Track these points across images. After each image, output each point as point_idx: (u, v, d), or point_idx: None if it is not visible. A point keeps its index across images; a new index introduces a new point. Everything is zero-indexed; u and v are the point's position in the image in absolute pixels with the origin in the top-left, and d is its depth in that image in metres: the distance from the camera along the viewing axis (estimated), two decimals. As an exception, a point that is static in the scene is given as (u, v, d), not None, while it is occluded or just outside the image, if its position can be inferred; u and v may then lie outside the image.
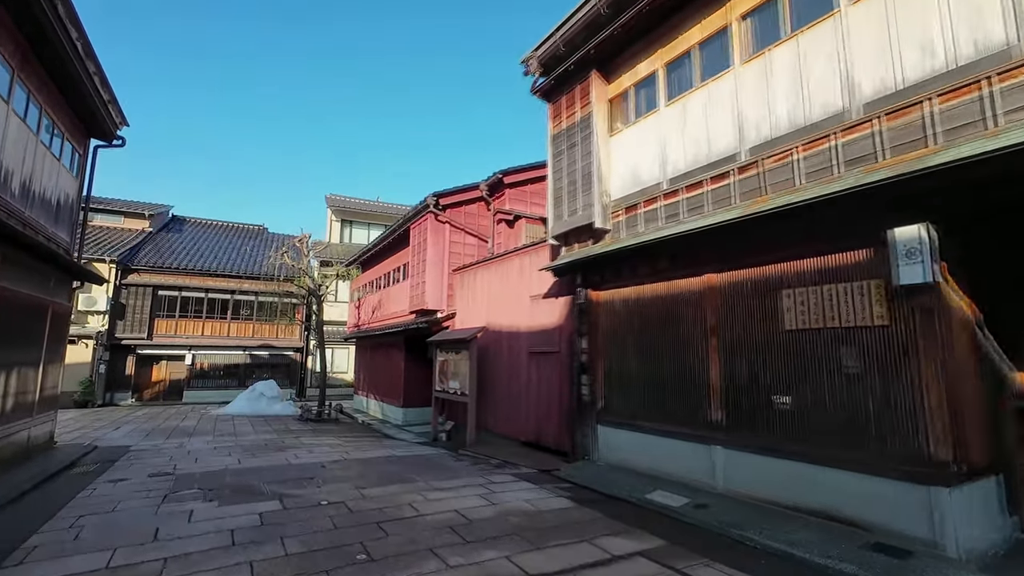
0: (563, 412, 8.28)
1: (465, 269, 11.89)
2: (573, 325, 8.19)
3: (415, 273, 12.77)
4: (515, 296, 9.90)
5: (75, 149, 9.30)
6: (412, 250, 13.19)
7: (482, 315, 10.96)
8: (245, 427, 12.96)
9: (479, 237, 12.82)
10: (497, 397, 10.07)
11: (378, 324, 16.57)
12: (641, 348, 6.95)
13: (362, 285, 19.32)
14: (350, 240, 29.02)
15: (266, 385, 17.25)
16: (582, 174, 7.61)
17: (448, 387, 10.49)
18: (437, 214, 12.22)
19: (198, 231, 28.18)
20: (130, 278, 21.71)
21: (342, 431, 12.88)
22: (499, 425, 9.90)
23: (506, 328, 10.07)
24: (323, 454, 8.76)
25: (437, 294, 12.11)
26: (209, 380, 23.02)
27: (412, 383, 14.78)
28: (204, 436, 11.07)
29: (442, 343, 10.90)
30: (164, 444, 9.90)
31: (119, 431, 11.91)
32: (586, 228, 7.58)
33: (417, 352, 14.90)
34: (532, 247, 9.59)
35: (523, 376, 9.42)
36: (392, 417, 15.15)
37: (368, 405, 17.96)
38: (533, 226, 12.10)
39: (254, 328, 24.04)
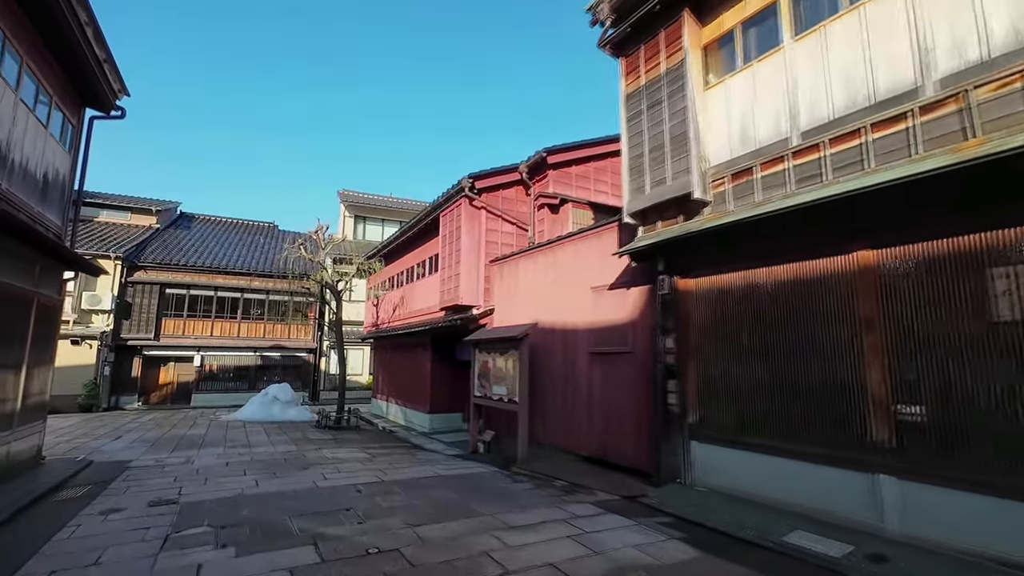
0: (640, 424, 6.90)
1: (505, 260, 10.53)
2: (653, 320, 6.81)
3: (446, 265, 11.43)
4: (570, 288, 8.53)
5: (67, 118, 8.01)
6: (442, 240, 11.85)
7: (526, 310, 9.59)
8: (259, 436, 11.65)
9: (518, 225, 11.46)
10: (548, 404, 8.69)
11: (400, 323, 15.24)
12: (755, 347, 5.55)
13: (381, 282, 18.01)
14: (364, 237, 27.76)
15: (280, 389, 15.96)
16: (670, 136, 6.23)
17: (490, 393, 9.13)
18: (472, 198, 10.87)
19: (207, 228, 27.02)
20: (136, 276, 20.52)
21: (366, 440, 11.54)
22: (551, 436, 8.52)
23: (559, 325, 8.69)
24: (354, 472, 7.41)
25: (472, 288, 10.76)
26: (218, 383, 21.78)
27: (439, 387, 13.46)
28: (214, 448, 9.76)
29: (482, 343, 9.54)
30: (169, 458, 8.58)
31: (120, 441, 10.62)
32: (676, 202, 6.20)
33: (445, 353, 13.57)
34: (592, 231, 8.21)
35: (582, 380, 8.04)
36: (417, 424, 13.81)
37: (388, 410, 16.63)
38: (580, 211, 10.73)
39: (265, 328, 22.81)
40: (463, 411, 13.76)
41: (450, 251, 11.32)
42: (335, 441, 11.18)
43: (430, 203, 12.99)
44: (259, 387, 22.03)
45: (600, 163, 11.76)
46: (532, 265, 9.63)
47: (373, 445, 10.74)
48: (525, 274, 9.81)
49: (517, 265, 10.08)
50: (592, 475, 6.98)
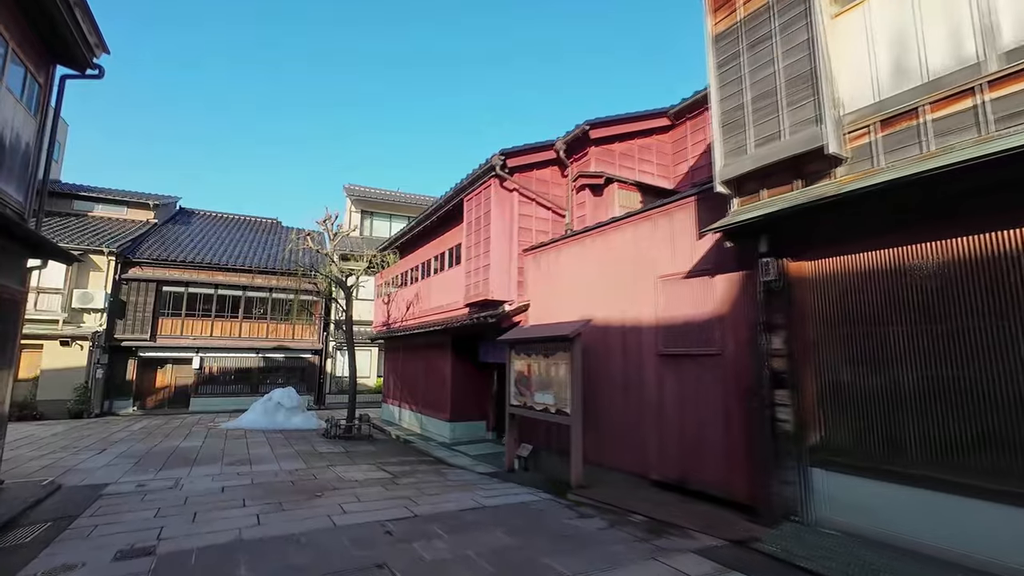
0: (733, 443, 5.51)
1: (543, 248, 9.15)
2: (750, 314, 5.43)
3: (472, 256, 10.05)
4: (630, 278, 7.15)
5: (31, 75, 6.65)
6: (467, 228, 10.47)
7: (570, 305, 8.21)
8: (262, 448, 10.27)
9: (553, 209, 10.07)
10: (603, 416, 7.31)
11: (416, 321, 13.85)
12: (904, 348, 4.17)
13: (392, 278, 16.63)
14: (371, 233, 26.40)
15: (284, 393, 14.59)
16: (786, 79, 4.85)
17: (532, 401, 7.74)
18: (503, 178, 9.49)
19: (207, 224, 25.68)
20: (131, 272, 19.17)
21: (382, 454, 10.15)
22: (609, 455, 7.13)
23: (616, 322, 7.31)
24: (377, 501, 6.02)
25: (504, 281, 9.38)
26: (218, 386, 20.41)
27: (461, 392, 12.09)
28: (209, 466, 8.38)
29: (521, 343, 8.16)
30: (154, 481, 7.20)
31: (103, 456, 9.23)
32: (791, 162, 4.82)
33: (467, 355, 12.20)
34: (659, 208, 6.83)
35: (648, 387, 6.66)
36: (436, 433, 12.43)
37: (401, 416, 15.25)
38: (627, 193, 9.35)
39: (268, 328, 21.45)
40: (487, 419, 12.39)
41: (477, 240, 9.94)
42: (347, 455, 9.79)
43: (440, 197, 11.62)
44: (261, 390, 20.69)
45: (644, 140, 10.38)
46: (579, 252, 8.24)
47: (391, 460, 9.35)
48: (569, 263, 8.43)
49: (558, 253, 8.70)
50: (673, 507, 5.58)
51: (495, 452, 10.40)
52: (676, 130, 10.62)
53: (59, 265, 17.92)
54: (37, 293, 17.30)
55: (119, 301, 18.88)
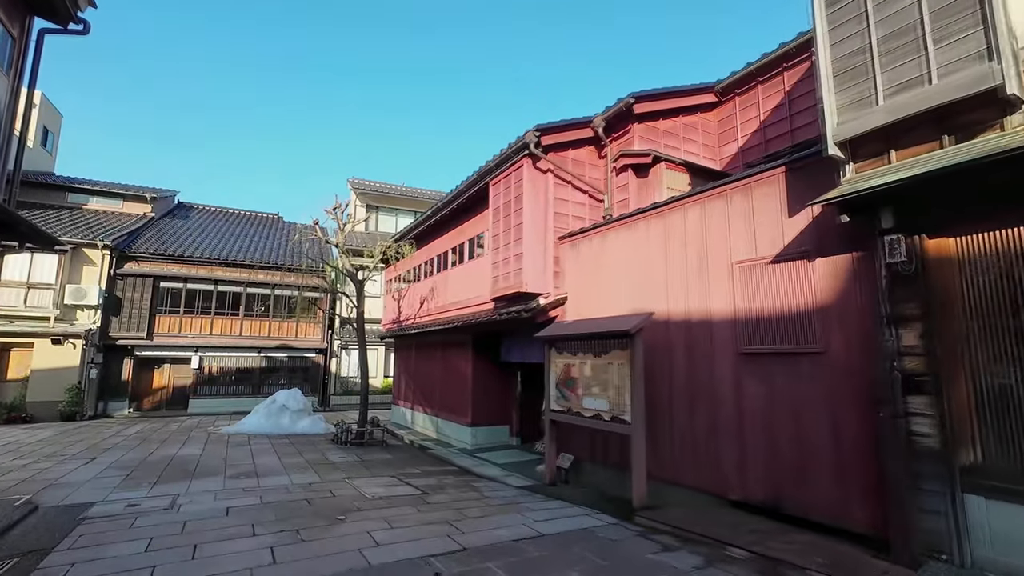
0: (847, 459, 4.54)
1: (582, 235, 8.16)
2: (867, 304, 4.46)
3: (500, 245, 9.06)
4: (695, 265, 6.17)
5: (3, 26, 5.63)
6: (493, 214, 9.48)
7: (618, 298, 7.24)
8: (268, 456, 9.27)
9: (590, 193, 9.09)
10: (663, 424, 6.32)
11: (431, 318, 12.85)
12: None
13: (403, 272, 15.64)
14: (376, 228, 25.43)
15: (289, 395, 13.57)
16: (935, 8, 3.87)
17: (578, 407, 6.75)
18: (538, 158, 8.50)
19: (206, 218, 24.64)
20: (127, 267, 18.13)
21: (401, 462, 9.16)
22: (671, 469, 6.15)
23: (678, 316, 6.33)
24: (413, 528, 5.03)
25: (539, 272, 8.39)
26: (219, 387, 19.38)
27: (483, 395, 11.11)
28: (211, 479, 7.37)
29: (564, 340, 7.17)
30: (147, 499, 6.18)
31: (92, 467, 8.21)
32: (946, 110, 3.85)
33: (488, 354, 11.23)
34: (735, 183, 5.84)
35: (724, 392, 5.68)
36: (454, 437, 11.45)
37: (414, 419, 14.25)
38: (675, 174, 8.37)
39: (271, 326, 20.42)
40: (510, 424, 11.41)
41: (506, 227, 8.95)
42: (363, 464, 8.79)
43: (461, 182, 10.62)
44: (263, 391, 19.68)
45: (689, 118, 9.41)
46: (628, 239, 7.26)
47: (413, 470, 8.36)
48: (616, 251, 7.44)
49: (603, 240, 7.71)
50: (774, 538, 4.60)
51: (525, 460, 9.44)
52: (722, 108, 9.65)
53: (51, 259, 16.88)
54: (27, 289, 16.26)
55: (114, 297, 17.84)
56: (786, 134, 8.41)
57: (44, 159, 23.30)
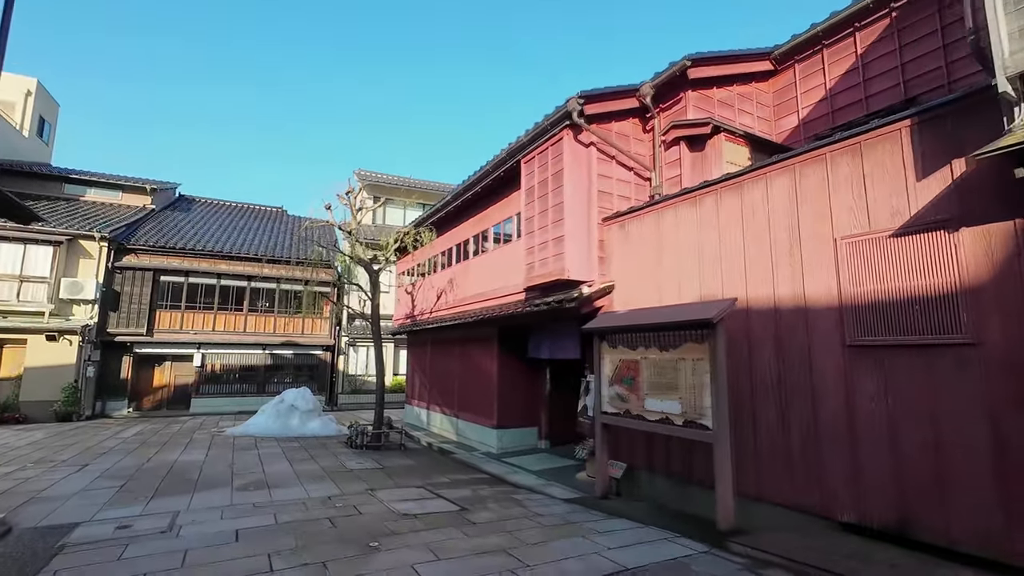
0: (1009, 476, 3.61)
1: (633, 215, 7.21)
2: (1044, 283, 3.52)
3: (537, 228, 8.11)
4: (784, 242, 5.23)
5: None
6: (526, 195, 8.53)
7: (679, 285, 6.30)
8: (278, 463, 8.34)
9: (636, 170, 8.14)
10: (746, 430, 5.39)
11: (450, 312, 11.92)
12: None
13: (417, 264, 14.70)
14: (384, 220, 24.49)
15: (298, 394, 12.64)
16: None
17: (640, 408, 5.81)
18: (580, 129, 7.55)
19: (208, 211, 23.70)
20: (126, 260, 17.19)
21: (425, 469, 8.23)
22: (756, 483, 5.21)
23: (762, 303, 5.39)
24: (465, 559, 4.09)
25: (582, 257, 7.44)
26: (222, 385, 18.46)
27: (509, 395, 10.19)
28: (216, 491, 6.44)
29: (621, 332, 6.23)
30: (142, 518, 5.25)
31: (82, 476, 7.28)
32: None
33: (516, 350, 10.30)
34: (841, 144, 4.88)
35: (828, 391, 4.74)
36: (477, 441, 10.53)
37: (430, 420, 13.33)
38: (736, 148, 7.42)
39: (276, 322, 19.49)
40: (538, 426, 10.49)
41: (542, 208, 8.00)
42: (384, 472, 7.86)
43: (487, 162, 9.66)
44: (268, 390, 18.77)
45: (744, 88, 8.46)
46: (693, 216, 6.31)
47: (441, 479, 7.43)
48: (678, 231, 6.49)
49: (659, 219, 6.76)
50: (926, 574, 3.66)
51: (560, 467, 8.53)
52: (779, 77, 8.69)
53: (44, 251, 15.93)
54: (20, 282, 15.34)
55: (112, 292, 16.91)
56: (859, 102, 7.46)
57: (41, 150, 22.35)
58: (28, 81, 21.87)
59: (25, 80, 21.80)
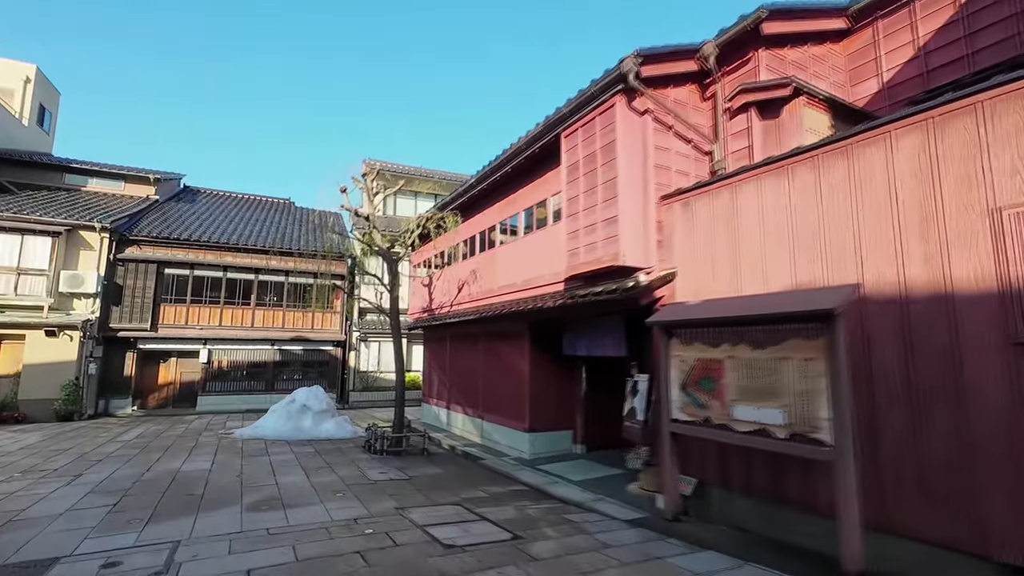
0: None
1: (698, 192, 6.21)
2: None
3: (582, 208, 7.13)
4: (914, 218, 4.23)
5: None
6: (569, 172, 7.53)
7: (767, 271, 5.32)
8: (292, 472, 7.45)
9: (696, 143, 7.14)
10: (867, 447, 4.41)
11: (474, 305, 10.98)
12: None
13: (435, 255, 13.77)
14: (395, 212, 23.50)
15: (310, 393, 11.76)
16: None
17: (725, 417, 4.85)
18: (635, 94, 6.55)
19: (214, 202, 22.84)
20: (128, 252, 16.36)
21: (456, 480, 7.31)
22: (884, 512, 4.24)
23: (884, 292, 4.40)
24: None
25: (637, 240, 6.46)
26: (229, 382, 17.65)
27: (542, 395, 9.28)
28: (224, 511, 5.54)
29: (692, 326, 5.26)
30: (134, 552, 4.34)
31: (71, 490, 6.41)
32: None
33: (549, 347, 9.37)
34: (992, 92, 3.88)
35: (986, 401, 3.75)
36: (506, 445, 9.62)
37: (451, 421, 12.43)
38: (817, 114, 6.40)
39: (284, 316, 18.64)
40: (573, 429, 9.57)
41: (589, 186, 7.02)
42: (412, 485, 6.95)
43: (520, 139, 8.67)
44: (277, 387, 17.96)
45: (818, 48, 7.42)
46: (781, 190, 5.31)
47: (478, 494, 6.51)
48: (761, 209, 5.50)
49: (734, 195, 5.76)
50: None
51: (604, 476, 7.63)
52: (855, 37, 7.64)
53: (43, 242, 15.08)
54: (17, 275, 14.53)
55: (114, 285, 16.09)
56: (961, 59, 6.41)
57: (41, 139, 21.54)
58: (27, 67, 21.02)
59: (24, 66, 20.95)
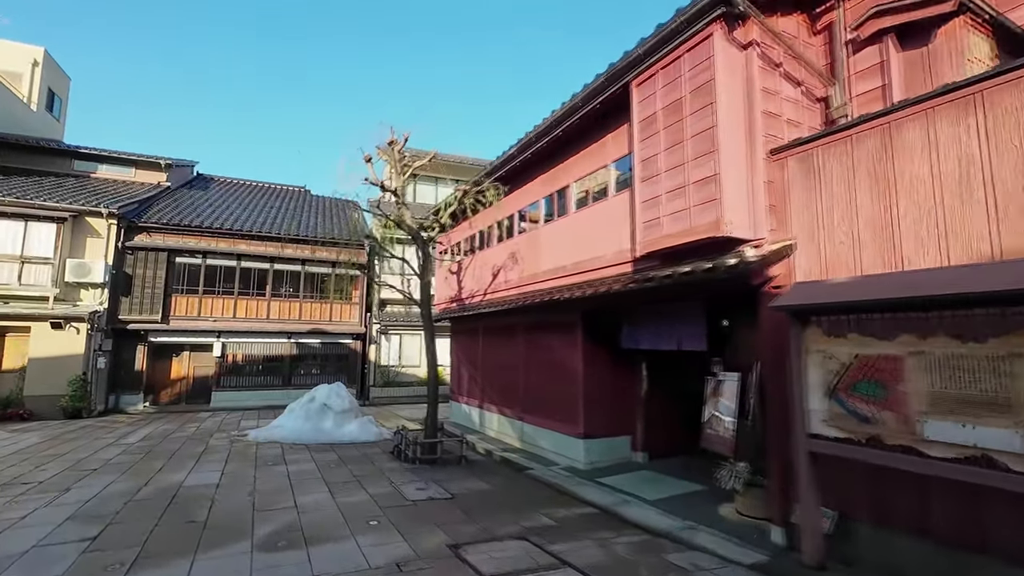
0: None
1: (825, 141, 4.80)
2: None
3: (662, 169, 5.76)
4: None
5: None
6: (643, 128, 6.15)
7: (942, 237, 3.92)
8: (315, 490, 6.25)
9: (807, 87, 5.71)
10: None
11: (516, 292, 9.68)
12: None
13: (465, 239, 12.50)
14: (415, 199, 22.26)
15: (331, 391, 10.60)
16: None
17: (910, 437, 3.49)
18: (738, 21, 5.16)
19: (227, 190, 21.81)
20: (137, 239, 15.37)
21: (508, 499, 6.03)
22: None
23: None
24: None
25: (742, 204, 5.09)
26: (244, 377, 16.64)
27: (597, 396, 7.97)
28: (230, 548, 4.34)
29: (842, 311, 3.89)
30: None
31: (50, 512, 5.28)
32: None
33: (604, 340, 8.05)
34: None
35: None
36: (554, 451, 8.35)
37: (485, 422, 11.19)
38: (979, 40, 4.95)
39: (301, 308, 17.55)
40: (632, 434, 8.26)
41: (673, 141, 5.64)
42: (458, 506, 5.69)
43: (579, 92, 7.28)
44: (294, 382, 16.93)
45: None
46: (959, 134, 3.88)
47: (542, 520, 5.23)
48: (927, 159, 4.08)
49: (883, 142, 4.34)
50: None
51: (682, 494, 6.34)
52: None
53: (48, 228, 14.05)
54: (21, 263, 13.58)
55: (123, 274, 15.11)
56: None
57: (51, 126, 20.69)
58: (34, 50, 20.13)
59: (31, 49, 20.06)
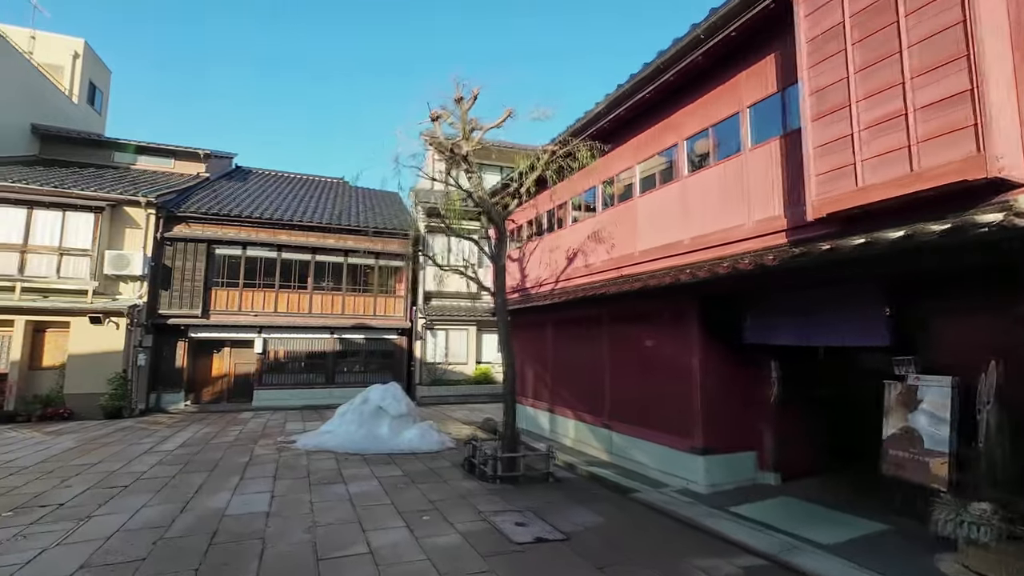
0: None
1: None
2: None
3: (857, 99, 4.15)
4: None
5: None
6: (818, 46, 4.53)
7: None
8: (387, 523, 4.90)
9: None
10: None
11: (605, 276, 8.16)
12: None
13: (529, 220, 11.05)
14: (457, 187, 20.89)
15: (386, 392, 9.32)
16: None
17: None
18: None
19: (266, 182, 21.02)
20: (176, 230, 14.55)
21: (641, 546, 4.52)
22: None
23: None
24: None
25: (1014, 130, 3.45)
26: (286, 375, 15.68)
27: (714, 401, 6.37)
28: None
29: None
30: None
31: (59, 554, 4.09)
32: None
33: (722, 334, 6.44)
34: None
35: None
36: (658, 468, 6.79)
37: (556, 427, 9.72)
38: None
39: (343, 301, 16.48)
40: (758, 448, 6.62)
41: (872, 57, 4.00)
42: (578, 554, 4.22)
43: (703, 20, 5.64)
44: (338, 380, 15.89)
45: None
46: None
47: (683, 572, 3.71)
48: None
49: None
50: None
51: (862, 536, 4.68)
52: None
53: (86, 219, 13.32)
54: (59, 256, 12.87)
55: (163, 267, 14.32)
56: None
57: (92, 118, 20.31)
58: (75, 42, 19.73)
59: (71, 41, 19.67)
